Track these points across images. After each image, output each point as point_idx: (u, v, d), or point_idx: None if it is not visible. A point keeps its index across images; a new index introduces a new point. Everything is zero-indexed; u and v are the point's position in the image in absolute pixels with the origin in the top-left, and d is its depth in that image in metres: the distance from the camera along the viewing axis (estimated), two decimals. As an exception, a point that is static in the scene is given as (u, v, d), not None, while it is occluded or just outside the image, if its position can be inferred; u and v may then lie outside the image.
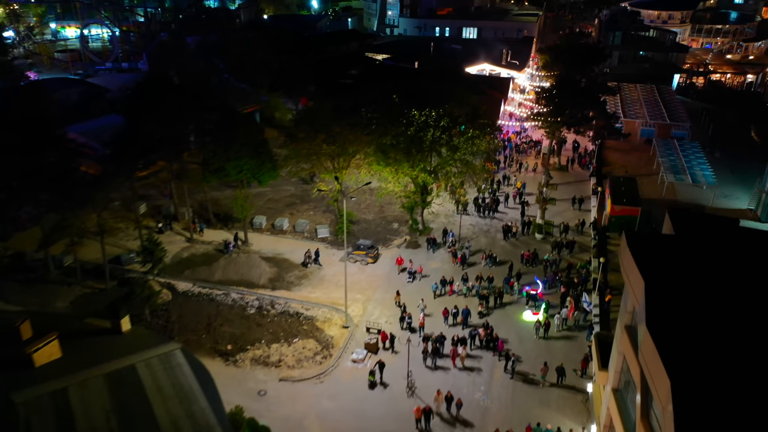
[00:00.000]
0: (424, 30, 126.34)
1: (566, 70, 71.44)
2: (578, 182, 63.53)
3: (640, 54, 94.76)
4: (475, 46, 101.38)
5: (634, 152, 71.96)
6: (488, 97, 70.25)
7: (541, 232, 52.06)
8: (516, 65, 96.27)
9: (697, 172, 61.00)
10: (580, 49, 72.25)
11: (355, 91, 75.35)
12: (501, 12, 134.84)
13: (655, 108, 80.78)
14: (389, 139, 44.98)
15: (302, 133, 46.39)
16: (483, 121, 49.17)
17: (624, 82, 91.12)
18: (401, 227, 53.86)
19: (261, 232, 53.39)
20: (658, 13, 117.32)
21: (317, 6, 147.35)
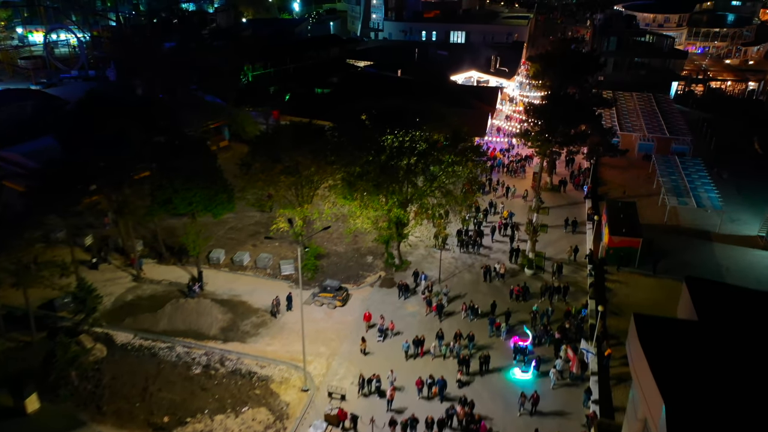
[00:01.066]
0: (409, 34, 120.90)
1: (558, 81, 66.16)
2: (572, 205, 58.10)
3: (636, 60, 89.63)
4: (462, 51, 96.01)
5: (632, 169, 66.69)
6: (474, 111, 64.76)
7: (531, 267, 46.57)
8: (505, 72, 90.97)
9: (702, 194, 55.76)
10: (573, 57, 66.91)
11: (331, 104, 69.94)
12: (490, 15, 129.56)
13: (653, 120, 75.57)
14: (357, 168, 39.33)
15: (258, 161, 40.62)
16: (465, 143, 43.52)
17: (619, 91, 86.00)
18: (376, 261, 48.29)
19: (218, 268, 47.66)
20: (654, 16, 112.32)
21: (299, 9, 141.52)
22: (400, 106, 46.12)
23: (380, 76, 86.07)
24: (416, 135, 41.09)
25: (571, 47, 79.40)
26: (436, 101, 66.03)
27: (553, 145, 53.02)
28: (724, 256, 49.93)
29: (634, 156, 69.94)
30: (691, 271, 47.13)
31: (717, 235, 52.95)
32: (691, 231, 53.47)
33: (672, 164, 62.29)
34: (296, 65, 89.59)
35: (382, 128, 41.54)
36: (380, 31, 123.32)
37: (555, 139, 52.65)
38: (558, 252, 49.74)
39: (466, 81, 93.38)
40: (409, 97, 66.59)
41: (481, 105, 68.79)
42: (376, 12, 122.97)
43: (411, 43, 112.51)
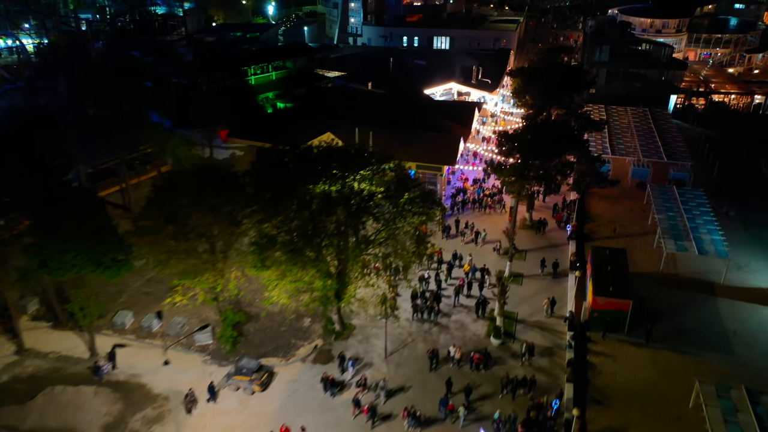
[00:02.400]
0: (390, 40, 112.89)
1: (540, 101, 58.07)
2: (553, 247, 50.03)
3: (631, 71, 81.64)
4: (441, 60, 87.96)
5: (625, 200, 58.62)
6: (443, 135, 56.67)
7: (498, 336, 38.55)
8: (488, 84, 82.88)
9: (704, 236, 47.71)
10: (557, 72, 58.77)
11: (288, 123, 61.94)
12: (477, 19, 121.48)
13: (649, 140, 67.47)
14: (271, 228, 31.26)
15: (148, 219, 32.49)
16: (413, 192, 35.34)
17: (612, 105, 77.91)
18: (314, 325, 40.27)
19: (123, 334, 39.67)
20: (651, 21, 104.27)
21: (273, 12, 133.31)
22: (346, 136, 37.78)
23: (347, 90, 78.10)
24: (350, 182, 33.09)
25: (559, 58, 71.26)
26: (401, 123, 58.48)
27: (529, 182, 44.89)
28: (731, 315, 41.95)
29: (627, 183, 61.88)
30: (692, 338, 39.33)
31: (722, 287, 44.95)
32: (692, 282, 45.47)
33: (670, 197, 54.24)
34: (258, 76, 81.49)
35: (309, 173, 33.51)
36: (359, 36, 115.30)
37: (531, 175, 44.53)
38: (533, 311, 41.82)
39: (445, 93, 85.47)
40: (374, 116, 58.91)
41: (453, 126, 60.69)
42: (355, 16, 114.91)
43: (389, 51, 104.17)
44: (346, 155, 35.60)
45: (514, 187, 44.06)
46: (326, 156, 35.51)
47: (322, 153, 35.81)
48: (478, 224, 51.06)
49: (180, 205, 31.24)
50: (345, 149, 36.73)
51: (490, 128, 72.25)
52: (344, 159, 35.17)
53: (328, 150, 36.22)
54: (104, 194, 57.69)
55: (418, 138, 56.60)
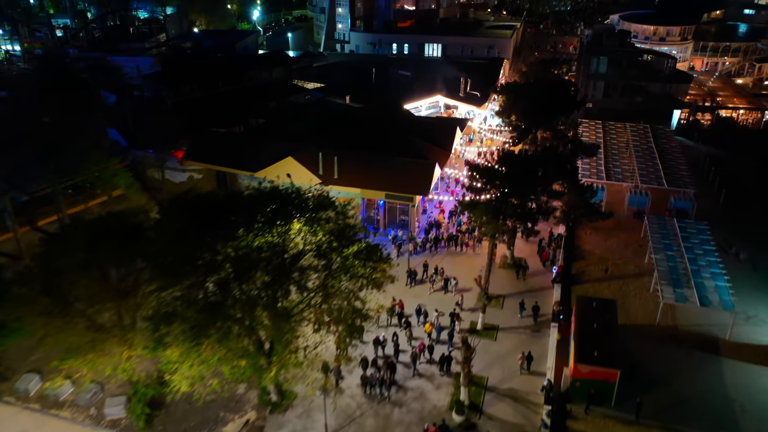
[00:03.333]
0: (379, 47, 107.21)
1: (526, 122, 52.35)
2: (536, 291, 44.14)
3: (630, 84, 75.63)
4: (429, 70, 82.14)
5: (620, 232, 52.67)
6: (417, 162, 50.87)
7: (461, 412, 32.77)
8: (476, 98, 77.05)
9: (707, 282, 41.74)
10: (545, 90, 52.91)
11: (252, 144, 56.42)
12: (472, 25, 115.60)
13: (648, 162, 61.49)
14: (169, 299, 25.58)
15: (24, 284, 26.76)
16: (356, 246, 29.59)
17: (610, 121, 71.97)
18: (249, 393, 34.62)
19: (27, 402, 34.16)
20: (655, 29, 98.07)
21: (259, 16, 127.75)
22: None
23: (322, 105, 72.49)
24: (274, 238, 27.40)
25: (551, 72, 65.41)
26: (373, 145, 52.83)
27: (503, 225, 39.03)
28: (738, 382, 36.00)
29: (623, 212, 56.03)
30: (691, 412, 33.46)
31: (727, 344, 39.01)
32: (693, 337, 39.55)
33: (669, 231, 48.29)
34: (230, 89, 75.95)
35: (231, 225, 27.79)
36: (347, 43, 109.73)
37: (508, 214, 38.72)
38: (506, 375, 36.06)
39: (431, 107, 79.83)
40: (344, 137, 53.38)
41: (431, 149, 54.87)
42: (342, 22, 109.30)
43: (375, 59, 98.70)
44: (279, 201, 29.87)
45: (488, 229, 38.19)
46: (255, 202, 29.80)
47: (248, 199, 30.09)
48: (450, 268, 45.08)
49: (65, 267, 25.61)
50: (278, 193, 30.97)
51: (476, 149, 66.39)
52: (277, 205, 29.48)
53: (258, 195, 30.48)
54: (42, 224, 52.53)
55: (389, 164, 50.95)
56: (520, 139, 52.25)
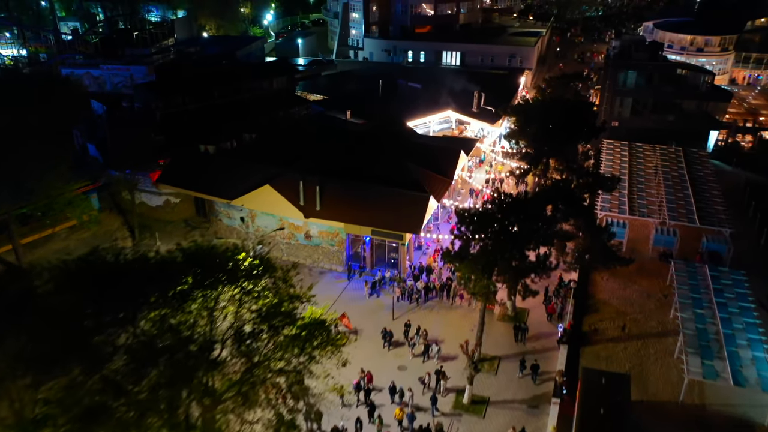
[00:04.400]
0: (393, 54, 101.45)
1: (536, 149, 46.03)
2: (537, 353, 37.82)
3: (662, 102, 68.36)
4: (441, 81, 75.92)
5: (641, 278, 45.94)
6: (410, 194, 44.89)
7: None
8: (490, 114, 70.66)
9: (744, 355, 34.89)
10: (559, 113, 46.42)
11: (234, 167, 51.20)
12: (494, 31, 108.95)
13: (679, 192, 54.48)
14: (40, 398, 20.22)
15: None
16: (297, 324, 23.89)
17: (638, 142, 64.90)
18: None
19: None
20: (692, 38, 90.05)
21: (272, 20, 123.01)
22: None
23: (319, 120, 67.10)
24: (187, 317, 21.87)
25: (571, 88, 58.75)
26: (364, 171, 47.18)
27: (493, 286, 32.82)
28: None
29: (647, 252, 49.33)
30: None
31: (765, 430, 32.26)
32: (723, 422, 32.89)
33: (700, 283, 41.39)
34: (226, 100, 71.01)
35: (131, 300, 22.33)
36: (360, 49, 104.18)
37: (502, 271, 32.58)
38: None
39: (443, 122, 73.79)
40: (333, 160, 47.92)
41: (430, 177, 48.78)
42: (356, 27, 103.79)
43: (388, 68, 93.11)
44: (207, 265, 24.34)
45: (476, 287, 32.08)
46: (176, 266, 24.34)
47: (168, 263, 24.66)
48: (436, 327, 38.94)
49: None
50: (207, 254, 25.43)
51: (484, 174, 60.00)
52: (202, 272, 23.97)
53: (183, 256, 25.03)
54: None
55: (377, 195, 45.17)
56: (527, 170, 45.89)
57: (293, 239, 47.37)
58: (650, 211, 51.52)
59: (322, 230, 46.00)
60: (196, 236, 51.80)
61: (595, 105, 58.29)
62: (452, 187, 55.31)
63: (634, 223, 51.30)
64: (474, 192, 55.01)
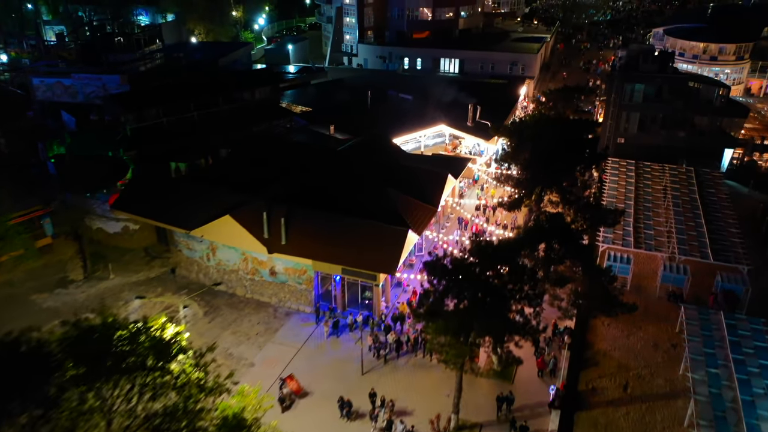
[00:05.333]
0: (389, 61, 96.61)
1: (531, 177, 40.97)
2: (526, 420, 32.73)
3: (672, 116, 63.03)
4: (434, 91, 70.89)
5: (647, 323, 40.74)
6: (386, 229, 39.91)
7: None
8: (486, 128, 65.52)
9: (765, 427, 29.75)
10: (555, 136, 41.33)
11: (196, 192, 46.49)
12: (495, 37, 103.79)
13: (689, 220, 49.16)
14: None
15: None
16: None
17: (646, 161, 59.66)
18: None
19: None
20: (705, 46, 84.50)
21: (265, 24, 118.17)
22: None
23: (301, 134, 62.53)
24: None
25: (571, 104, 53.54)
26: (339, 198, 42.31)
27: (469, 352, 27.84)
28: None
29: (654, 290, 44.16)
30: None
31: None
32: None
33: (714, 334, 36.20)
34: (204, 113, 66.43)
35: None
36: (354, 56, 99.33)
37: (481, 333, 27.59)
38: None
39: (436, 136, 68.90)
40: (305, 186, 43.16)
41: (412, 205, 43.83)
42: (350, 32, 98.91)
43: (381, 76, 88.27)
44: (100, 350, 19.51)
45: (448, 355, 27.06)
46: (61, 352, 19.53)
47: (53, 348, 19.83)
48: (407, 393, 33.78)
49: None
50: (102, 334, 20.61)
51: (474, 199, 54.84)
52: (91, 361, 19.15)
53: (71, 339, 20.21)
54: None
55: (351, 227, 40.29)
56: (519, 200, 40.81)
57: (257, 275, 42.56)
58: (658, 243, 46.20)
59: (288, 267, 41.17)
60: (156, 267, 47.40)
61: (598, 123, 52.96)
62: (439, 214, 50.41)
63: (639, 256, 46.18)
64: (463, 221, 49.80)
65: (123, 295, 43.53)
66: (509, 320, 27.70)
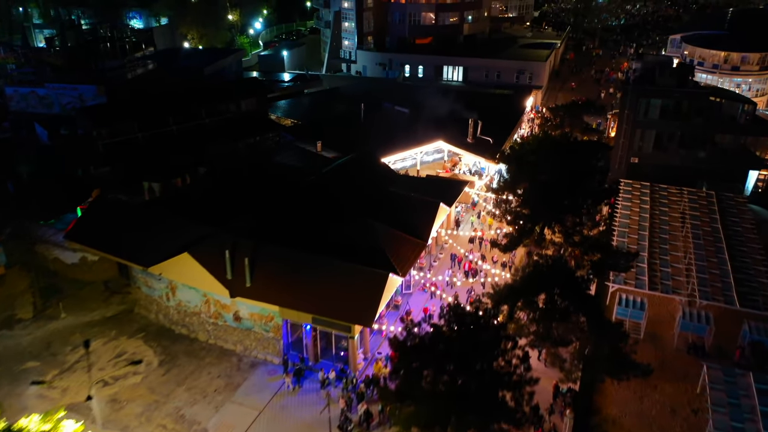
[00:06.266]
0: (389, 68, 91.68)
1: (529, 212, 35.87)
2: None
3: (691, 134, 57.59)
4: (432, 103, 65.80)
5: (664, 381, 35.50)
6: (364, 271, 34.94)
7: None
8: (488, 146, 60.55)
9: None
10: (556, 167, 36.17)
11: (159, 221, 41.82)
12: (502, 43, 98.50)
13: (711, 255, 43.97)
14: None
15: None
16: None
17: (662, 184, 54.37)
18: None
19: None
20: (726, 55, 78.70)
21: (261, 28, 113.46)
22: None
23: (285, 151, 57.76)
24: None
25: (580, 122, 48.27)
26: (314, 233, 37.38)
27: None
28: None
29: (671, 340, 38.91)
30: None
31: None
32: None
33: (743, 402, 31.01)
34: (184, 127, 61.80)
35: None
36: (353, 62, 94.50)
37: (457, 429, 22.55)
38: None
39: (435, 152, 64.00)
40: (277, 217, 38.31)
41: (396, 240, 38.82)
42: (348, 38, 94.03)
43: (380, 85, 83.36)
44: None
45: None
46: None
47: None
48: None
49: None
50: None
51: (469, 231, 49.56)
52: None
53: None
54: None
55: (324, 269, 35.38)
56: (518, 238, 35.67)
57: (221, 320, 37.78)
58: (676, 284, 40.90)
59: (254, 312, 36.36)
60: (114, 305, 42.79)
61: (609, 147, 47.66)
62: (431, 246, 45.42)
63: (654, 298, 40.95)
64: (456, 258, 44.53)
65: (73, 338, 38.88)
66: (497, 407, 22.65)
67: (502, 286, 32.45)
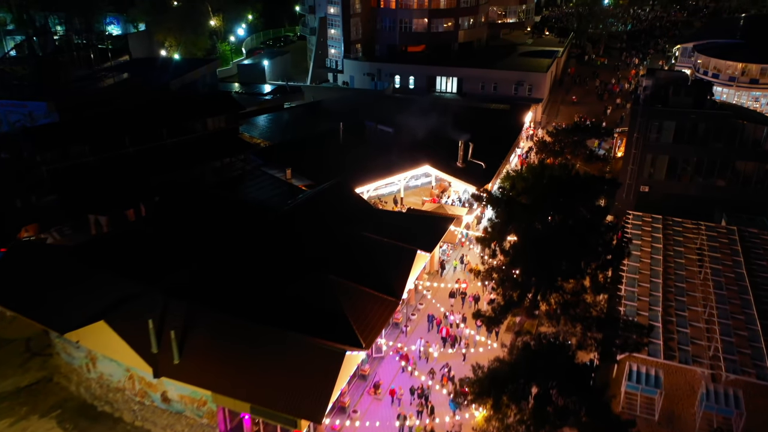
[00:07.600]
0: (378, 78, 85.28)
1: (521, 275, 29.35)
2: None
3: (709, 161, 51.05)
4: (421, 122, 59.33)
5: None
6: (317, 348, 28.47)
7: None
8: (480, 171, 54.15)
9: None
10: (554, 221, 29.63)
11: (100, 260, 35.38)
12: (501, 51, 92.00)
13: (737, 311, 37.46)
14: None
15: None
16: None
17: (675, 218, 47.89)
18: None
19: None
20: (743, 67, 71.96)
21: (245, 34, 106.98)
22: None
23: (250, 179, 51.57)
24: None
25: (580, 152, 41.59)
26: (261, 293, 30.88)
27: None
28: None
29: (694, 423, 32.33)
30: None
31: None
32: None
33: None
34: (142, 149, 55.45)
35: None
36: (339, 72, 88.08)
37: None
38: None
39: (422, 176, 57.65)
40: (221, 273, 31.63)
41: (361, 300, 32.38)
42: (335, 46, 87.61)
43: (369, 97, 76.99)
44: None
45: None
46: None
47: None
48: None
49: None
50: None
51: (450, 282, 42.76)
52: None
53: None
54: None
55: (267, 344, 28.92)
56: (506, 307, 29.08)
57: (147, 399, 31.37)
58: (696, 349, 34.28)
59: (184, 394, 30.00)
60: (33, 370, 36.40)
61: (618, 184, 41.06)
62: (410, 297, 38.94)
63: (671, 368, 34.40)
64: (434, 320, 37.73)
65: (-24, 417, 32.51)
66: None
67: (485, 369, 26.09)
